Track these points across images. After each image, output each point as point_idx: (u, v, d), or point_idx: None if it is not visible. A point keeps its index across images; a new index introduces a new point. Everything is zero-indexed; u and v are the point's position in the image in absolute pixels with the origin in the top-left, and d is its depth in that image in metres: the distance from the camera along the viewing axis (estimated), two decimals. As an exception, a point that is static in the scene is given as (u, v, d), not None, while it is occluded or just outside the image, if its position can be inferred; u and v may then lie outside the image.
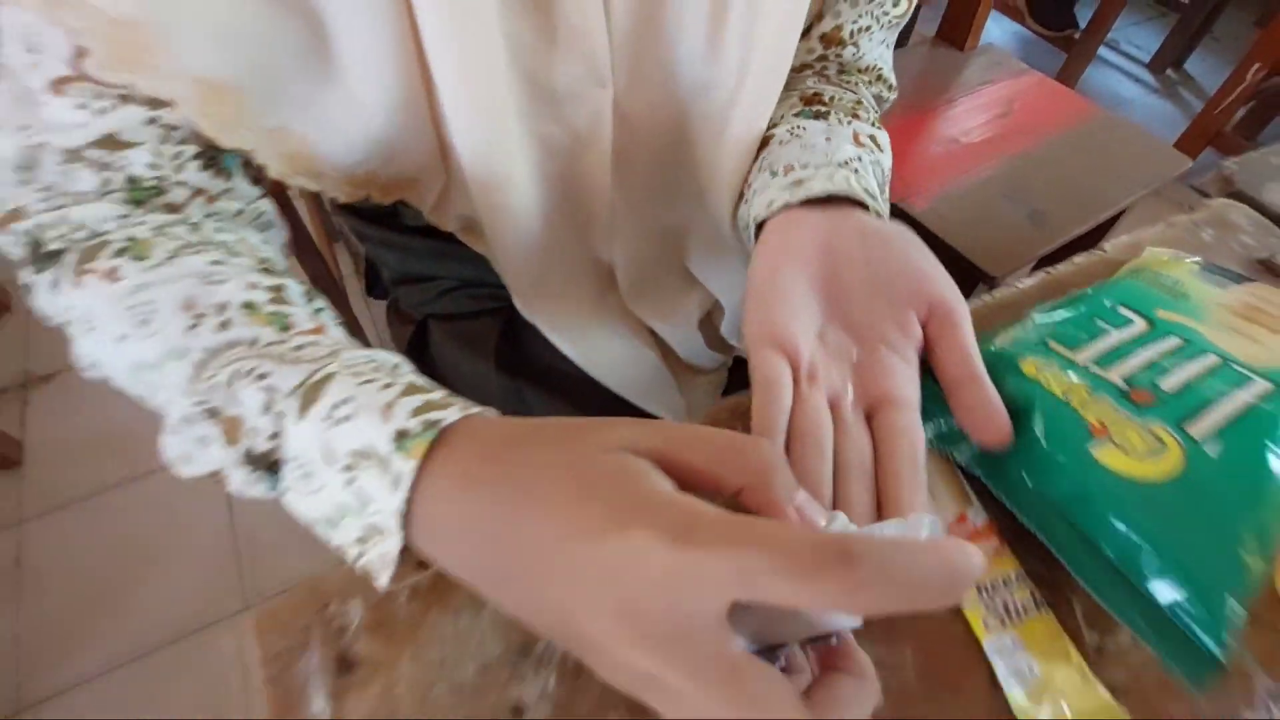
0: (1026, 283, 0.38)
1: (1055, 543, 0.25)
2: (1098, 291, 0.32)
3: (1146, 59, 2.03)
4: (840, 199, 0.30)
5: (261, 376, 0.23)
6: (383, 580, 0.21)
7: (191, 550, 1.04)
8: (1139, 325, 0.29)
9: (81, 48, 0.24)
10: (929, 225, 0.84)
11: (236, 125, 0.28)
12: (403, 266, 0.52)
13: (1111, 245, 0.40)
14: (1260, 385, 0.26)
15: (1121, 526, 0.23)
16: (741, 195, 0.36)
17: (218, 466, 0.25)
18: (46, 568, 1.03)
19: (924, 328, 0.27)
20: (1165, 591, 0.22)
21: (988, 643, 0.25)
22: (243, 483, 0.24)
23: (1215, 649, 0.21)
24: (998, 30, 2.05)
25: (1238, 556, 0.22)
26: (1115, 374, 0.26)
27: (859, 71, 0.42)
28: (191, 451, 0.25)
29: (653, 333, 0.50)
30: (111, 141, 0.27)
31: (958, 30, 1.07)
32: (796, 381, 0.25)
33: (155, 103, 0.27)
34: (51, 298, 0.28)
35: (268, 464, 0.24)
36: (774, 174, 0.33)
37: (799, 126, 0.35)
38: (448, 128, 0.32)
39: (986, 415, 0.25)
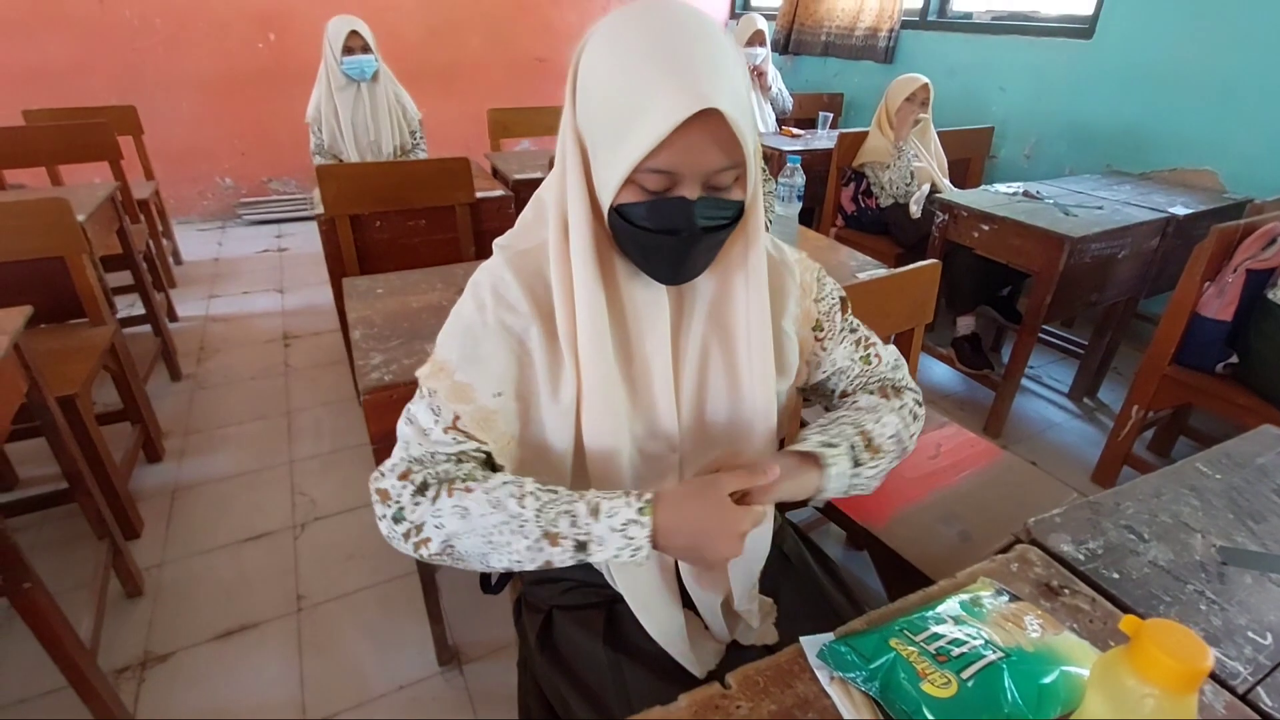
0: (911, 597, 0.69)
1: (912, 733, 0.53)
2: (933, 605, 0.63)
3: (1066, 390, 2.54)
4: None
5: (569, 512, 0.60)
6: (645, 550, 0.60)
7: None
8: (949, 624, 0.59)
9: (458, 416, 0.63)
10: (888, 542, 1.15)
11: (502, 453, 0.67)
12: (540, 571, 0.83)
13: (962, 573, 0.72)
14: (999, 654, 0.55)
15: (931, 716, 0.51)
16: None
17: (550, 560, 0.62)
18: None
19: None
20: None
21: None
22: (563, 559, 0.62)
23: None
24: (943, 372, 2.59)
25: (983, 734, 0.50)
26: (932, 647, 0.56)
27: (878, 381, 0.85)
28: (533, 558, 0.62)
29: (696, 615, 0.79)
30: (462, 454, 0.66)
31: (895, 394, 1.51)
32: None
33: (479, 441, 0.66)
34: (426, 507, 0.64)
35: (578, 548, 0.60)
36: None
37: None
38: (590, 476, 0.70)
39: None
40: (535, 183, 2.23)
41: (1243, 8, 2.33)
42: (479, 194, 2.10)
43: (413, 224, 2.07)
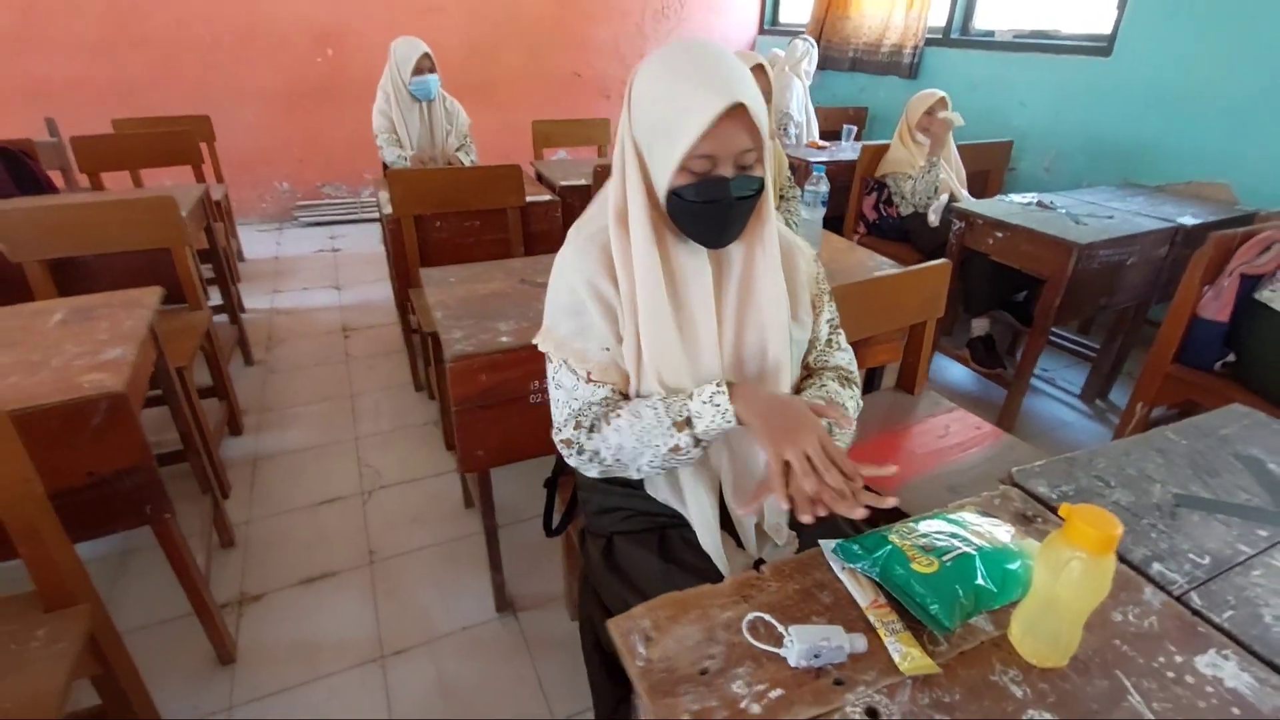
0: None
1: (902, 599, 0.69)
2: (925, 516, 0.80)
3: (1078, 391, 2.66)
4: None
5: (679, 402, 0.84)
6: (731, 413, 0.81)
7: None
8: (936, 525, 0.76)
9: (589, 371, 0.85)
10: (900, 506, 1.31)
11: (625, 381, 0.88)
12: (605, 503, 1.02)
13: (952, 504, 0.88)
14: (972, 548, 0.72)
15: (919, 588, 0.68)
16: None
17: (676, 443, 0.83)
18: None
19: None
20: (934, 608, 0.66)
21: (886, 641, 0.68)
22: (685, 441, 0.84)
23: (948, 624, 0.65)
24: (958, 372, 2.72)
25: (957, 596, 0.67)
26: (920, 542, 0.73)
27: (834, 369, 1.02)
28: (670, 442, 0.84)
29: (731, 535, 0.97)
30: (606, 399, 0.86)
31: (909, 381, 1.67)
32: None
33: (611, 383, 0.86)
34: (597, 437, 0.86)
35: (688, 424, 0.83)
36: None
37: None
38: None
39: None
40: (580, 189, 2.45)
41: (1256, 28, 2.45)
42: (528, 198, 2.30)
43: (469, 225, 2.27)
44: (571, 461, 0.93)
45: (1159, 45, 2.76)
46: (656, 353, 0.87)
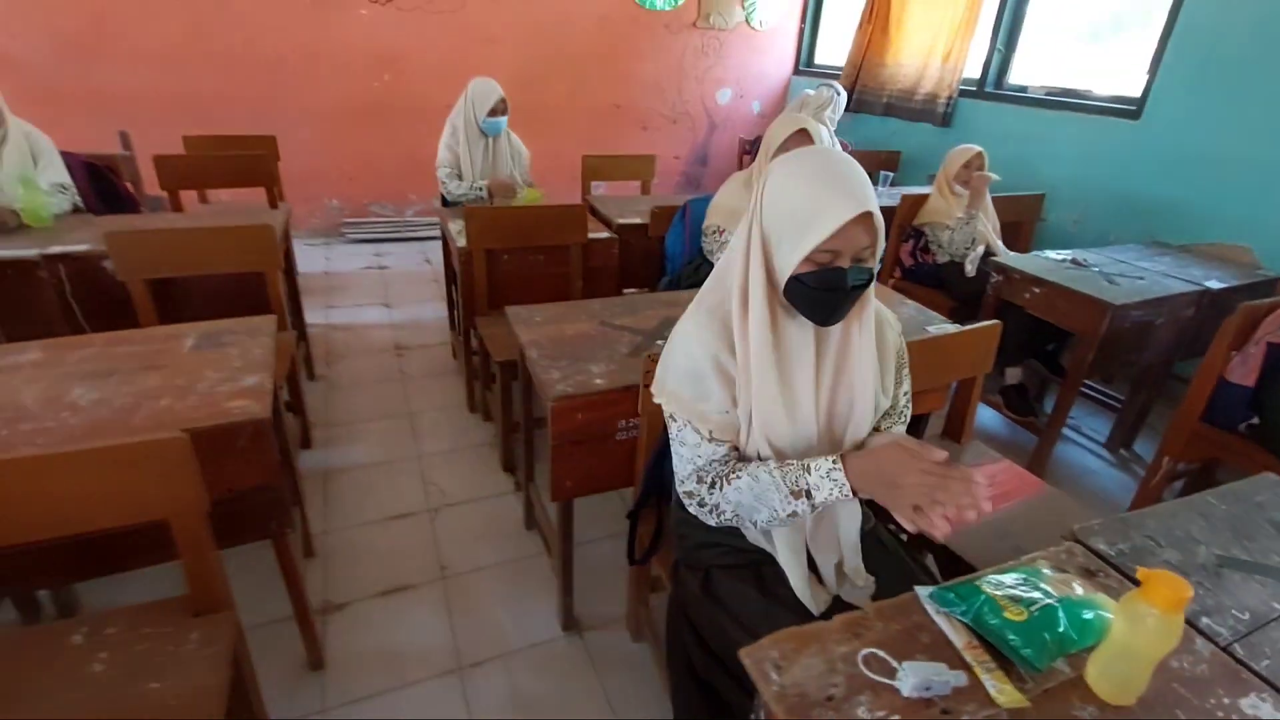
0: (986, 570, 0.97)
1: (996, 642, 0.81)
2: (1005, 568, 0.92)
3: (1103, 440, 2.77)
4: None
5: (795, 473, 0.93)
6: (848, 487, 0.91)
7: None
8: (1018, 578, 0.88)
9: (711, 430, 0.98)
10: (952, 547, 1.42)
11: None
12: (703, 539, 1.14)
13: (1024, 558, 1.00)
14: (1055, 599, 0.84)
15: (1013, 635, 0.80)
16: None
17: (794, 509, 0.94)
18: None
19: None
20: (1027, 652, 0.78)
21: (982, 678, 0.79)
22: (802, 508, 0.94)
23: (1039, 666, 0.77)
24: (990, 417, 2.83)
25: (1045, 641, 0.79)
26: (1008, 593, 0.85)
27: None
28: (788, 508, 0.95)
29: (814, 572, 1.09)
30: (726, 456, 0.99)
31: (956, 431, 1.79)
32: None
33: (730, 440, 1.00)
34: (718, 494, 0.99)
35: (806, 495, 0.92)
36: None
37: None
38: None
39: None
40: (638, 228, 2.60)
41: (1280, 101, 2.59)
42: (590, 235, 2.44)
43: (533, 259, 2.42)
44: (692, 510, 1.05)
45: (1187, 110, 2.90)
46: (764, 418, 1.00)
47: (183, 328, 1.56)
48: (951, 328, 1.74)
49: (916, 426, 1.96)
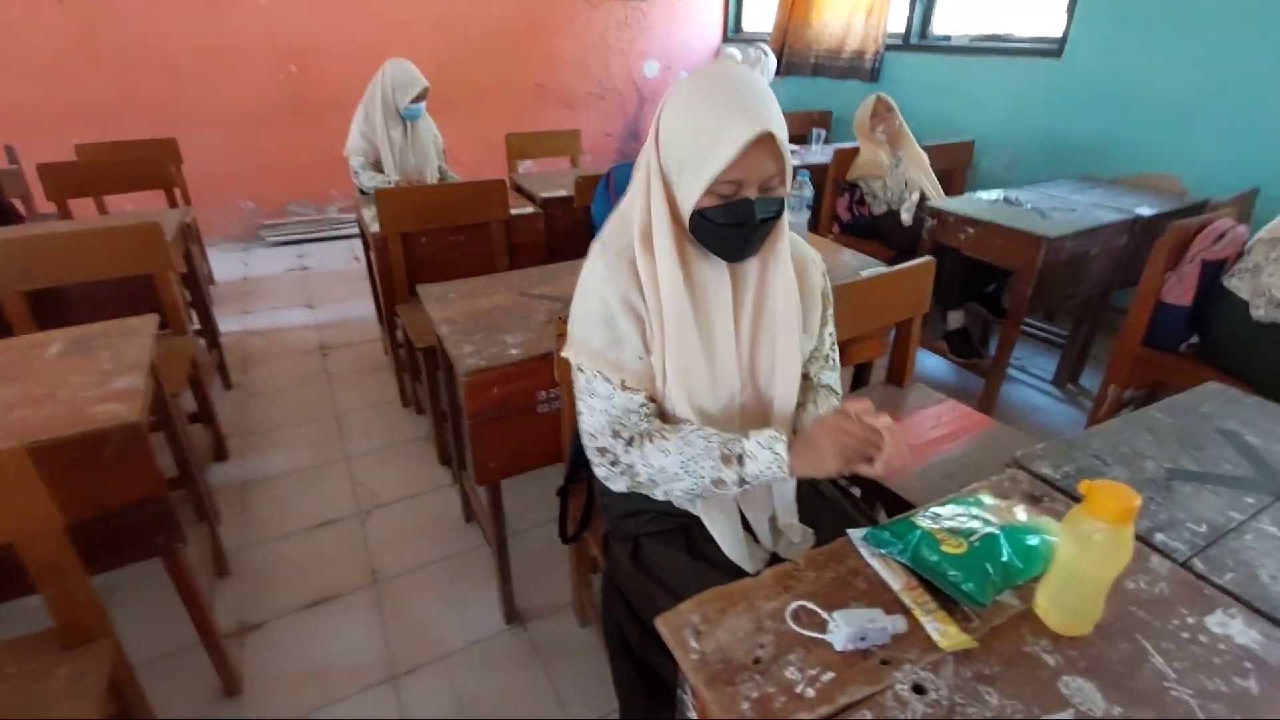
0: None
1: (935, 580, 0.73)
2: (944, 501, 0.84)
3: (1049, 377, 2.76)
4: None
5: (735, 445, 0.83)
6: (786, 462, 0.82)
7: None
8: (958, 509, 0.80)
9: (624, 379, 0.87)
10: (901, 494, 1.35)
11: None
12: (629, 507, 1.04)
13: (964, 489, 0.92)
14: (996, 528, 0.76)
15: (953, 570, 0.72)
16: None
17: (722, 477, 0.84)
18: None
19: None
20: (969, 586, 0.70)
21: (923, 621, 0.71)
22: (730, 475, 0.85)
23: (983, 600, 0.69)
24: (937, 366, 2.80)
25: (988, 574, 0.71)
26: (946, 526, 0.77)
27: (825, 388, 1.05)
28: (715, 475, 0.85)
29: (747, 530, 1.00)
30: (643, 405, 0.87)
31: (899, 375, 1.73)
32: None
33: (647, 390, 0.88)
34: (636, 453, 0.87)
35: (739, 461, 0.82)
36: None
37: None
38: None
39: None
40: (563, 200, 2.47)
41: (1199, 31, 2.59)
42: (511, 211, 2.31)
43: (453, 239, 2.28)
44: (600, 472, 0.94)
45: (1107, 47, 2.90)
46: (682, 363, 0.90)
47: (50, 334, 1.39)
48: (884, 268, 1.67)
49: (859, 376, 1.90)
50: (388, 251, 2.13)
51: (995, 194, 2.57)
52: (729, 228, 0.85)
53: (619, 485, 0.93)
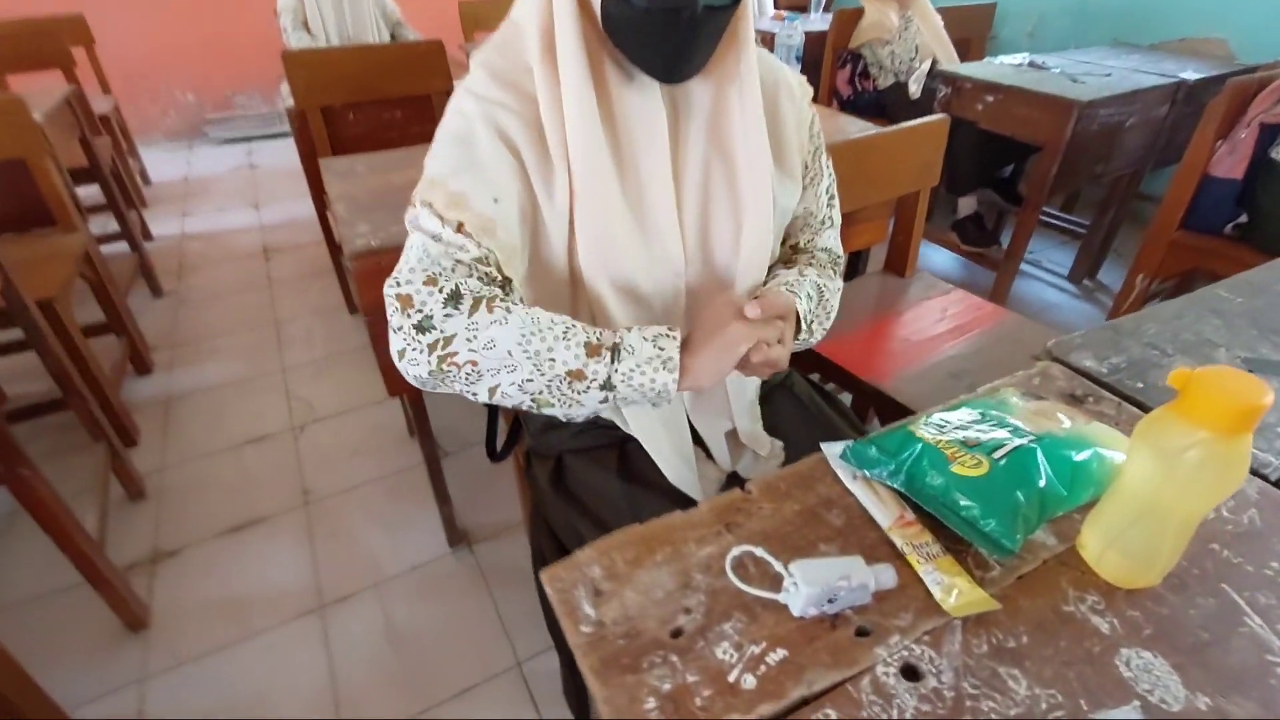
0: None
1: (940, 515, 0.51)
2: (955, 404, 0.61)
3: (1065, 272, 2.50)
4: None
5: (609, 336, 0.61)
6: (676, 365, 0.59)
7: (296, 702, 1.19)
8: (974, 413, 0.57)
9: (462, 222, 0.59)
10: (896, 397, 1.14)
11: (509, 264, 0.63)
12: (548, 418, 0.81)
13: (983, 388, 0.69)
14: (1030, 439, 0.54)
15: (967, 499, 0.50)
16: None
17: (581, 366, 0.59)
18: (170, 720, 1.18)
19: None
20: (990, 526, 0.48)
21: (921, 571, 0.50)
22: (594, 370, 0.59)
23: (1011, 546, 0.47)
24: (942, 259, 2.54)
25: (1019, 505, 0.49)
26: (960, 435, 0.54)
27: (824, 251, 0.80)
28: (572, 365, 0.59)
29: (698, 445, 0.78)
30: (481, 260, 0.61)
31: (899, 263, 1.47)
32: None
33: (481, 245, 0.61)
34: (460, 319, 0.58)
35: (613, 354, 0.59)
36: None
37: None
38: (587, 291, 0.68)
39: None
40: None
41: None
42: (456, 82, 1.98)
43: (388, 116, 1.96)
44: (398, 340, 0.60)
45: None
46: (597, 225, 0.65)
47: None
48: (888, 129, 1.38)
49: (854, 264, 1.65)
50: (307, 129, 1.83)
51: (1020, 57, 2.22)
52: (659, 15, 0.57)
53: (421, 369, 0.59)
